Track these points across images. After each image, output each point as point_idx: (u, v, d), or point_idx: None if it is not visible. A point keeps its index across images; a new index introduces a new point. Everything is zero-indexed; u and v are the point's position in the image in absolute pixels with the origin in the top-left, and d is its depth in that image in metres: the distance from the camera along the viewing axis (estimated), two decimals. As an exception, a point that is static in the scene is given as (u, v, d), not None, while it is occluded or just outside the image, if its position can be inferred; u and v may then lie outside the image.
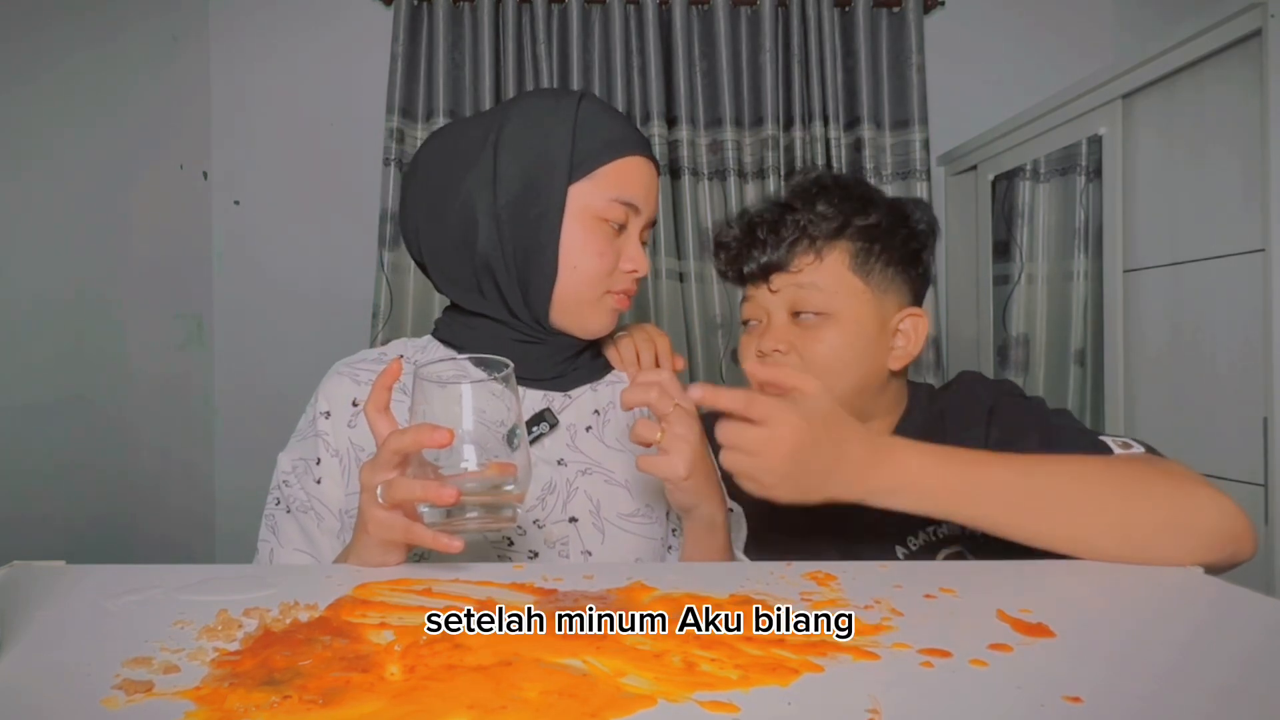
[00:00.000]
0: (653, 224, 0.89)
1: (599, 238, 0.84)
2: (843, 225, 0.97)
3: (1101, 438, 0.85)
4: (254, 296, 2.36)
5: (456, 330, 0.90)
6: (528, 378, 0.86)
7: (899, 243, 0.99)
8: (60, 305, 1.72)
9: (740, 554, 0.91)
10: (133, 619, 0.55)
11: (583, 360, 0.91)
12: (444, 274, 0.89)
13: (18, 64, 1.60)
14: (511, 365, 0.68)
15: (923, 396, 1.04)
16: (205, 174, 2.33)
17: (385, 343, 0.98)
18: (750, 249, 1.00)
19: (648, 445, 0.77)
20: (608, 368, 0.95)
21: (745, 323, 1.04)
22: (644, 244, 0.89)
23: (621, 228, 0.86)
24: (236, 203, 2.36)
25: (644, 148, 0.88)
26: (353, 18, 2.37)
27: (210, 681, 0.45)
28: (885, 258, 0.98)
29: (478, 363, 0.71)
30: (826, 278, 0.97)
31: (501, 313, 0.87)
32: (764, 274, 1.00)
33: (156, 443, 2.06)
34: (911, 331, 0.99)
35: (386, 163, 2.23)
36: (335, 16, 2.37)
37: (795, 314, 0.98)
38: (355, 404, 0.85)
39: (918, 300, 1.03)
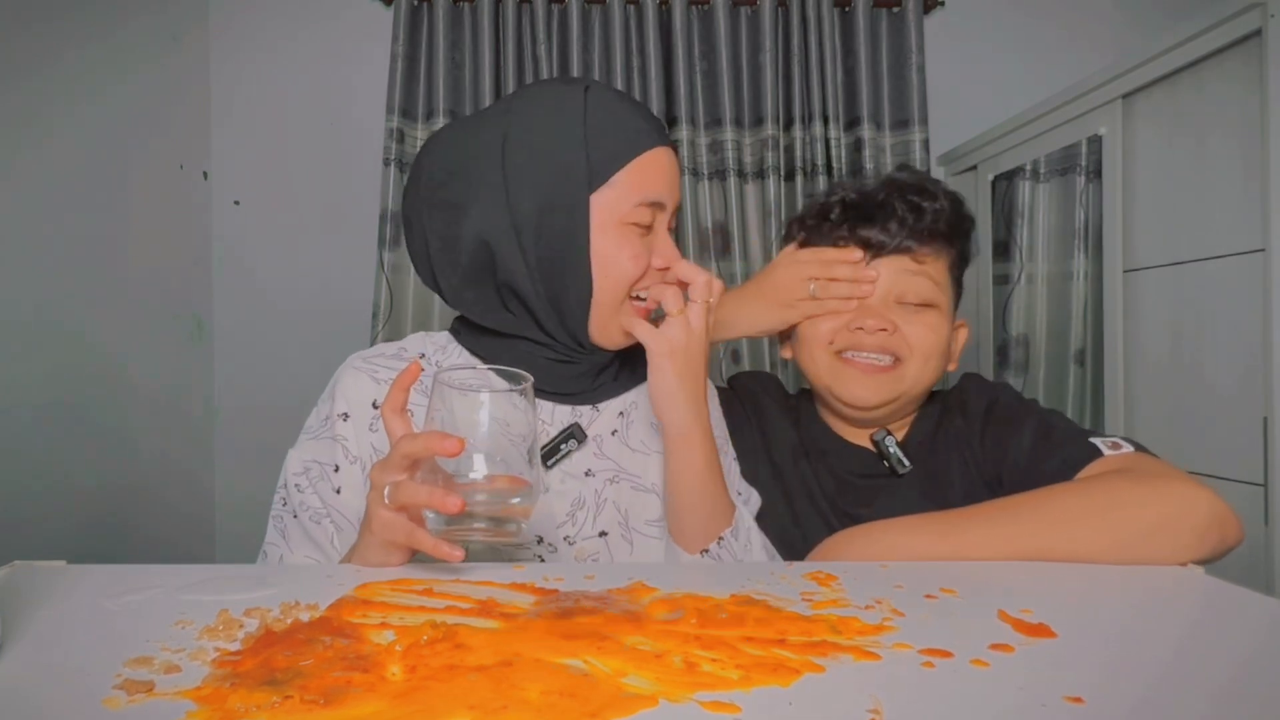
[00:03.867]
0: (678, 210, 0.84)
1: (631, 241, 0.80)
2: (961, 231, 1.00)
3: (1092, 438, 0.88)
4: (254, 296, 2.35)
5: (485, 342, 0.86)
6: (557, 393, 0.84)
7: (966, 261, 1.04)
8: (60, 305, 1.72)
9: (739, 502, 0.88)
10: (133, 619, 0.55)
11: (608, 373, 0.88)
12: (463, 301, 0.84)
13: (17, 63, 1.59)
14: (531, 379, 0.68)
15: (934, 399, 1.08)
16: (205, 174, 2.33)
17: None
18: (887, 219, 0.95)
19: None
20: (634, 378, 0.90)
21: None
22: (670, 231, 0.83)
23: (649, 228, 0.81)
24: (236, 203, 2.36)
25: (661, 136, 0.82)
26: (353, 17, 2.36)
27: (211, 681, 0.45)
28: (961, 270, 1.03)
29: (498, 374, 0.71)
30: (938, 272, 0.99)
31: (533, 331, 0.82)
32: (877, 249, 0.96)
33: (156, 443, 2.06)
34: (957, 341, 1.04)
35: (386, 163, 2.22)
36: (335, 16, 2.36)
37: (896, 300, 0.97)
38: (375, 406, 0.81)
39: None
